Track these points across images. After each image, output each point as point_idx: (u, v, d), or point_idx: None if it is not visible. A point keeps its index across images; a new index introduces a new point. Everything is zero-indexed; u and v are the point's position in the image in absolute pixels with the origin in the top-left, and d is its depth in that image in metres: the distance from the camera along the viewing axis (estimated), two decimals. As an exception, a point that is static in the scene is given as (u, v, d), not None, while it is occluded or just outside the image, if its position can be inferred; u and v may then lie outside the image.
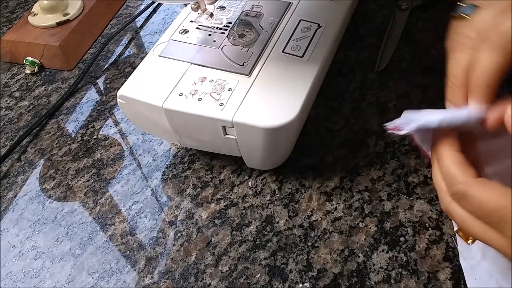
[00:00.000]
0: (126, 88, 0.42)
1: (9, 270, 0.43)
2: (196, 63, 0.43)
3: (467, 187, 0.26)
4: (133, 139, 0.52)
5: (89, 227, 0.45)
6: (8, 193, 0.49)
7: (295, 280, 0.39)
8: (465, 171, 0.26)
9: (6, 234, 0.46)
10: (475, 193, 0.25)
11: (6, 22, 0.71)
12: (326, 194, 0.44)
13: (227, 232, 0.43)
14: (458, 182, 0.26)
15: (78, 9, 0.64)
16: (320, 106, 0.49)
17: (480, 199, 0.25)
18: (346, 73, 0.54)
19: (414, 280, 0.37)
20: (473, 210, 0.26)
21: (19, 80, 0.62)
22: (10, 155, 0.52)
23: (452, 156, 0.27)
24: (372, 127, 0.48)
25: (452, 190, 0.27)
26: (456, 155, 0.27)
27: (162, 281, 0.40)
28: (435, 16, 0.58)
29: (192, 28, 0.46)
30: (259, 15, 0.46)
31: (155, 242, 0.43)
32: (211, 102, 0.39)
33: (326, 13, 0.46)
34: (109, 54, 0.63)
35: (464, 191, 0.26)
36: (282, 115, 0.38)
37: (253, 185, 0.46)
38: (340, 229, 0.41)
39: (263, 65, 0.42)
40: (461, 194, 0.26)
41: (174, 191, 0.47)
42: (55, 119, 0.56)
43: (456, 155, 0.27)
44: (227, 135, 0.40)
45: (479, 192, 0.25)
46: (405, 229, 0.41)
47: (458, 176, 0.26)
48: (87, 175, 0.49)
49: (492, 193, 0.25)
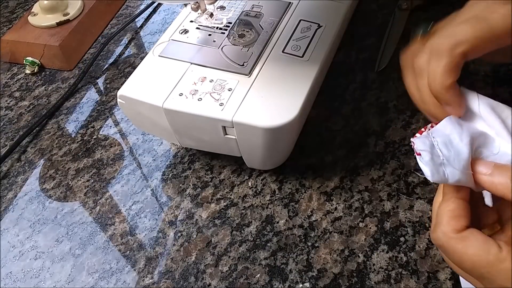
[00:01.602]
0: (126, 88, 0.42)
1: (9, 270, 0.43)
2: (196, 63, 0.43)
3: (447, 240, 0.25)
4: (133, 139, 0.52)
5: (89, 227, 0.45)
6: (8, 193, 0.49)
7: (295, 280, 0.39)
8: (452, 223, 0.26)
9: (6, 234, 0.46)
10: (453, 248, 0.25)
11: (6, 22, 0.71)
12: (326, 194, 0.44)
13: (227, 232, 0.43)
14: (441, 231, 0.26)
15: (78, 9, 0.64)
16: (320, 106, 0.49)
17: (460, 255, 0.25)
18: (346, 73, 0.54)
19: (414, 280, 0.37)
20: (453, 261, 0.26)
21: (19, 80, 0.62)
22: (10, 155, 0.52)
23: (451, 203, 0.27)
24: (372, 127, 0.48)
25: (434, 235, 0.27)
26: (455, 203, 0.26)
27: (162, 281, 0.40)
28: (435, 16, 0.58)
29: (192, 28, 0.46)
30: (259, 15, 0.46)
31: (155, 242, 0.43)
32: (211, 102, 0.39)
33: (326, 13, 0.46)
34: (109, 54, 0.63)
35: (443, 243, 0.26)
36: (282, 115, 0.38)
37: (253, 185, 0.46)
38: (340, 229, 0.41)
39: (263, 65, 0.42)
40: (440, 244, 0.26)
41: (174, 191, 0.47)
42: (55, 119, 0.56)
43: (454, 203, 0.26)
44: (227, 135, 0.40)
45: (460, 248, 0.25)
46: (405, 229, 0.41)
47: (443, 226, 0.26)
48: (87, 175, 0.49)
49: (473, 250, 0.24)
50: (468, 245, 0.25)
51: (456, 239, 0.25)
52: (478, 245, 0.24)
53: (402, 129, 0.47)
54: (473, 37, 0.26)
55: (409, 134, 0.47)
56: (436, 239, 0.26)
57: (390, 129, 0.48)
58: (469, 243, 0.25)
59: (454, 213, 0.26)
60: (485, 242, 0.24)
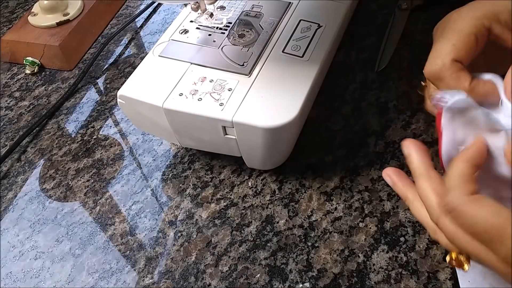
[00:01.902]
0: (126, 88, 0.42)
1: (9, 270, 0.43)
2: (196, 63, 0.43)
3: (461, 202, 0.25)
4: (133, 139, 0.52)
5: (89, 227, 0.45)
6: (8, 193, 0.49)
7: (295, 280, 0.39)
8: (464, 185, 0.26)
9: (6, 234, 0.46)
10: (467, 210, 0.25)
11: (6, 22, 0.71)
12: (326, 194, 0.44)
13: (227, 232, 0.43)
14: (455, 194, 0.26)
15: (78, 9, 0.64)
16: (320, 106, 0.49)
17: (472, 216, 0.25)
18: (346, 73, 0.54)
19: (414, 280, 0.37)
20: (464, 226, 0.26)
21: (19, 80, 0.62)
22: (10, 155, 0.52)
23: (459, 168, 0.27)
24: (372, 127, 0.48)
25: (445, 200, 0.26)
26: (463, 168, 0.27)
27: (162, 281, 0.40)
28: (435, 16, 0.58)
29: (192, 28, 0.46)
30: (259, 15, 0.46)
31: (155, 242, 0.43)
32: (211, 102, 0.39)
33: (326, 13, 0.46)
34: (109, 54, 0.63)
35: (456, 205, 0.26)
36: (282, 115, 0.38)
37: (253, 185, 0.46)
38: (340, 229, 0.41)
39: (263, 65, 0.42)
40: (452, 208, 0.26)
41: (174, 191, 0.47)
42: (55, 119, 0.56)
43: (463, 168, 0.27)
44: (227, 135, 0.40)
45: (472, 210, 0.25)
46: (405, 229, 0.41)
47: (457, 188, 0.26)
48: (87, 175, 0.49)
49: (486, 212, 0.25)
50: (481, 207, 0.25)
51: (470, 201, 0.25)
52: (490, 207, 0.25)
53: (402, 129, 0.47)
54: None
55: (409, 134, 0.47)
56: (448, 203, 0.26)
57: (390, 129, 0.48)
58: (482, 205, 0.25)
59: (466, 177, 0.26)
60: (496, 205, 0.25)
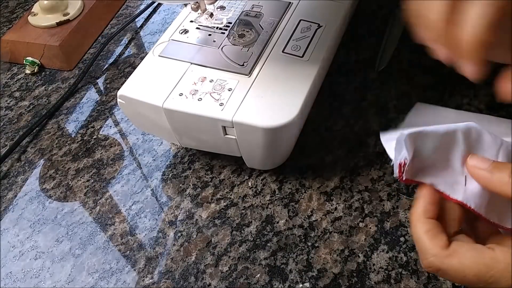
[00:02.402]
0: (126, 88, 0.42)
1: (9, 270, 0.43)
2: (196, 63, 0.43)
3: (440, 260, 0.25)
4: (133, 139, 0.52)
5: (89, 227, 0.45)
6: (8, 193, 0.49)
7: (295, 280, 0.39)
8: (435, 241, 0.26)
9: (6, 234, 0.46)
10: (450, 266, 0.25)
11: (6, 22, 0.71)
12: (326, 194, 0.44)
13: (227, 232, 0.43)
14: (431, 255, 0.26)
15: (78, 9, 0.64)
16: (320, 106, 0.49)
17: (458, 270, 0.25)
18: (346, 73, 0.54)
19: (414, 280, 0.37)
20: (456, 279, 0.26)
21: (19, 80, 0.62)
22: (10, 155, 0.52)
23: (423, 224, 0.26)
24: (372, 127, 0.48)
25: (426, 262, 0.26)
26: (427, 223, 0.26)
27: (162, 281, 0.40)
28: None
29: (192, 28, 0.46)
30: (259, 15, 0.46)
31: (155, 242, 0.43)
32: (211, 102, 0.39)
33: (326, 13, 0.46)
34: (109, 54, 0.63)
35: (438, 265, 0.25)
36: (282, 115, 0.38)
37: (253, 185, 0.46)
38: (340, 229, 0.41)
39: (263, 65, 0.42)
40: (436, 268, 0.26)
41: (174, 191, 0.47)
42: (55, 119, 0.56)
43: (427, 223, 0.26)
44: (227, 135, 0.40)
45: (454, 264, 0.25)
46: (405, 229, 0.41)
47: (429, 249, 0.26)
48: (87, 175, 0.49)
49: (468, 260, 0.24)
50: (462, 257, 0.25)
51: (448, 256, 0.25)
52: (470, 253, 0.24)
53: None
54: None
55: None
56: (430, 265, 0.26)
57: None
58: (462, 255, 0.25)
59: (431, 232, 0.26)
60: (475, 249, 0.24)
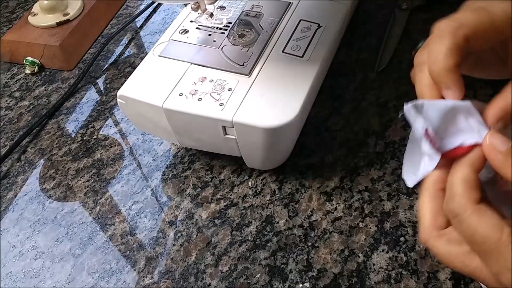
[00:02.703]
0: (126, 88, 0.42)
1: (9, 270, 0.43)
2: (196, 63, 0.43)
3: (464, 210, 0.25)
4: (133, 139, 0.52)
5: (89, 227, 0.45)
6: (8, 193, 0.49)
7: (295, 280, 0.39)
8: (469, 192, 0.25)
9: (6, 234, 0.46)
10: (469, 219, 0.25)
11: (6, 22, 0.71)
12: (326, 194, 0.44)
13: (227, 232, 0.43)
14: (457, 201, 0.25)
15: (78, 9, 0.64)
16: (320, 106, 0.49)
17: (473, 226, 0.24)
18: (346, 73, 0.54)
19: (414, 280, 0.37)
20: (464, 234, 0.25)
21: (19, 80, 0.62)
22: (10, 155, 0.52)
23: (463, 173, 0.26)
24: (372, 127, 0.48)
25: (449, 206, 0.26)
26: (467, 173, 0.26)
27: (162, 281, 0.40)
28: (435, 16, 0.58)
29: (192, 28, 0.46)
30: (259, 15, 0.46)
31: (155, 242, 0.43)
32: (211, 102, 0.39)
33: (326, 13, 0.46)
34: (109, 54, 0.63)
35: (460, 213, 0.25)
36: (282, 115, 0.38)
37: (253, 185, 0.46)
38: (340, 229, 0.41)
39: (263, 65, 0.42)
40: (455, 214, 0.26)
41: (174, 191, 0.47)
42: (55, 119, 0.56)
43: (467, 173, 0.26)
44: (227, 135, 0.40)
45: (473, 220, 0.24)
46: (405, 229, 0.41)
47: (460, 195, 0.25)
48: (87, 175, 0.49)
49: (486, 223, 0.24)
50: (483, 220, 0.24)
51: (473, 210, 0.25)
52: (493, 221, 0.24)
53: (402, 129, 0.47)
54: (474, 23, 0.26)
55: (409, 134, 0.47)
56: (452, 210, 0.26)
57: (390, 129, 0.48)
58: (485, 218, 0.24)
59: (470, 183, 0.25)
60: (500, 220, 0.24)
